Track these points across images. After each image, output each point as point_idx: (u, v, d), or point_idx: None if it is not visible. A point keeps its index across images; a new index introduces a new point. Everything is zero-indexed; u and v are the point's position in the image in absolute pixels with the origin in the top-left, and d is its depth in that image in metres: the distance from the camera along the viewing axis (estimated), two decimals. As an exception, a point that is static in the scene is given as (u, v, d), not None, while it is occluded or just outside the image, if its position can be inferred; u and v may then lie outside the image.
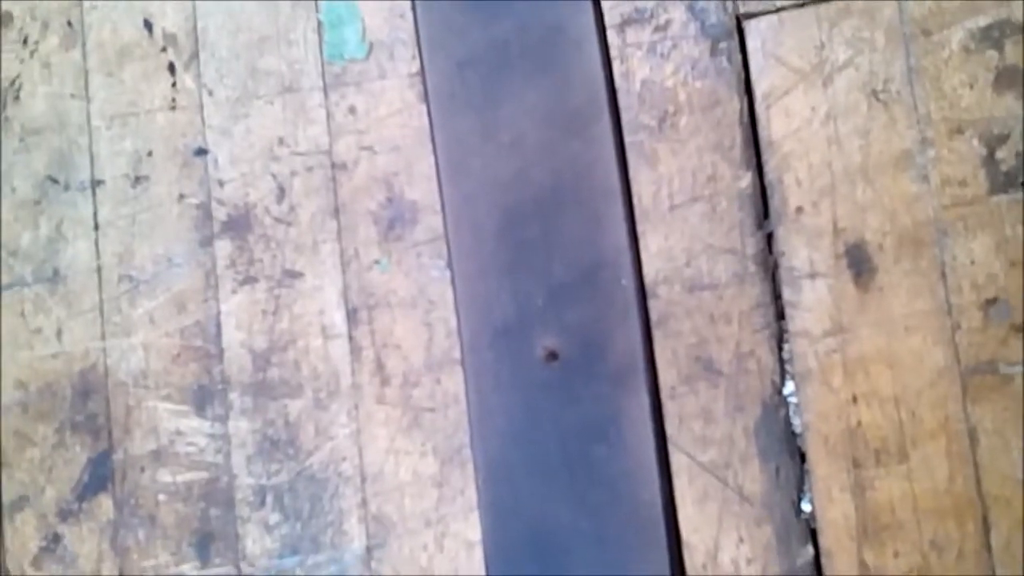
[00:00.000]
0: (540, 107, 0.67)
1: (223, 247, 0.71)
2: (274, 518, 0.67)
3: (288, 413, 0.68)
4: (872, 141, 0.63)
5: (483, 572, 0.63)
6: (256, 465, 0.68)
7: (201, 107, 0.74)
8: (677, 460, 0.62)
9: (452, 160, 0.68)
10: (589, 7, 0.68)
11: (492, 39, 0.68)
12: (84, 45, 0.76)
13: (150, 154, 0.74)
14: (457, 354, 0.66)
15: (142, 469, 0.69)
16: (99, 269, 0.73)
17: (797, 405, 0.61)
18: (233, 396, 0.69)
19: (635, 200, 0.66)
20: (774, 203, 0.64)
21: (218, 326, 0.70)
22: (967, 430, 0.58)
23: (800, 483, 0.60)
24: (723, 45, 0.66)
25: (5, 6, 0.77)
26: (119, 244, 0.73)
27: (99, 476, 0.70)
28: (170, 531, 0.68)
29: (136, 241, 0.73)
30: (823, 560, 0.59)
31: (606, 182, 0.65)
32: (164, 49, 0.75)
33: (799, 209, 0.64)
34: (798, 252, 0.63)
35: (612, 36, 0.68)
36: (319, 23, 0.73)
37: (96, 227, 0.74)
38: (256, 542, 0.67)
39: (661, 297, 0.64)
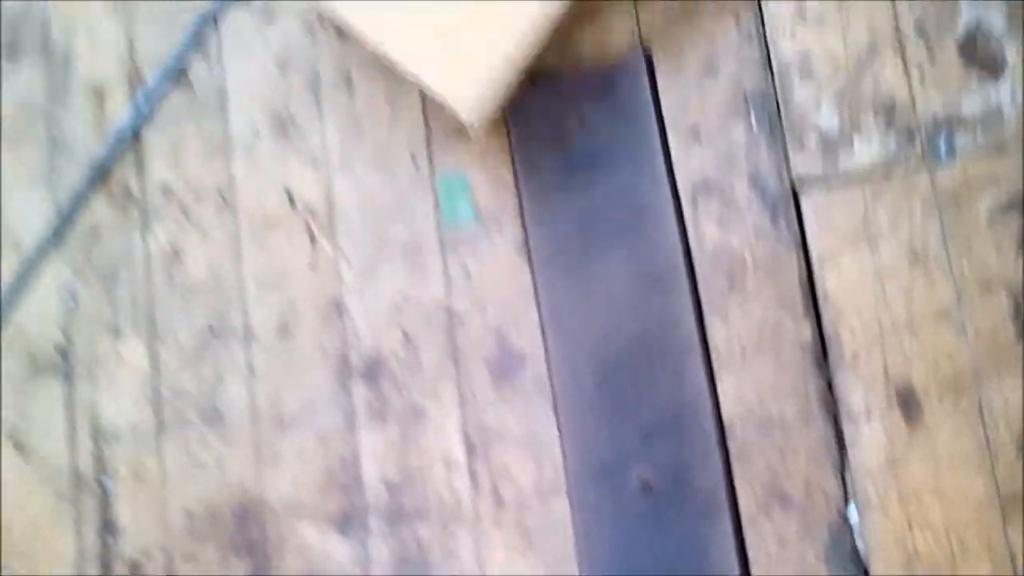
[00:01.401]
0: (627, 270, 0.80)
1: (359, 390, 0.84)
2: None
3: (419, 536, 0.80)
4: (915, 298, 0.75)
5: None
6: (393, 580, 0.80)
7: (337, 268, 0.87)
8: (757, 577, 0.73)
9: (553, 315, 0.81)
10: (665, 182, 0.80)
11: (584, 211, 0.81)
12: (235, 215, 0.91)
13: (295, 309, 0.88)
14: (564, 484, 0.78)
15: (295, 582, 0.82)
16: (253, 410, 0.87)
17: (860, 529, 0.72)
18: (372, 521, 0.81)
19: (712, 350, 0.78)
20: (832, 351, 0.76)
21: (357, 459, 0.83)
22: (1008, 554, 0.68)
23: (864, 597, 0.71)
24: (782, 213, 0.78)
25: (167, 180, 0.92)
26: (270, 388, 0.87)
27: (259, 588, 0.83)
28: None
29: (285, 385, 0.86)
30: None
31: (686, 335, 0.77)
32: (304, 218, 0.89)
33: (854, 357, 0.75)
34: (855, 394, 0.74)
35: (686, 206, 0.80)
36: (436, 195, 0.86)
37: (250, 373, 0.87)
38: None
39: (738, 435, 0.75)
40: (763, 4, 0.78)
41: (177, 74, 0.91)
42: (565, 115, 0.80)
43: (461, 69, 0.72)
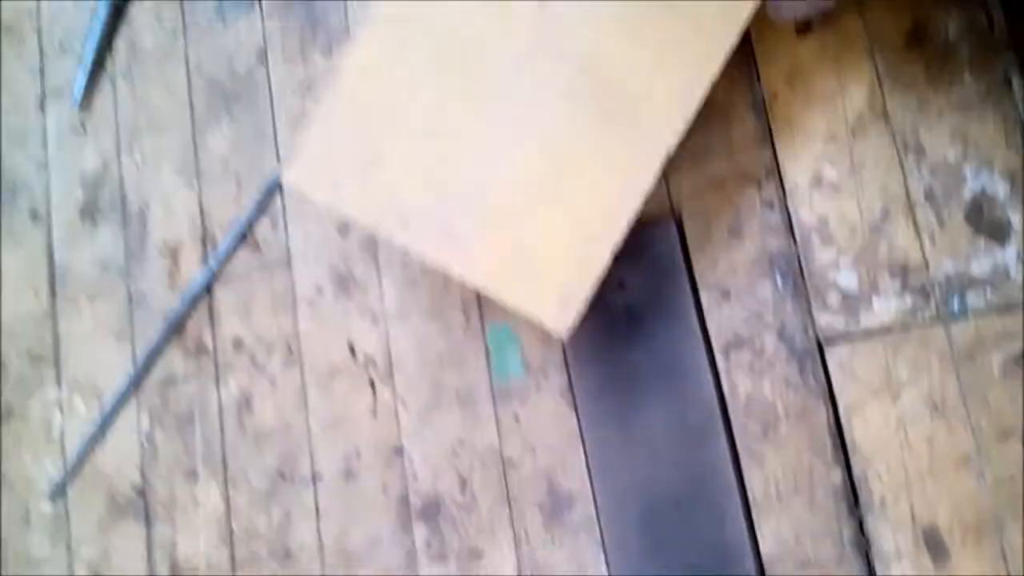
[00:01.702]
0: (667, 420, 0.86)
1: (419, 530, 0.91)
2: None
3: (483, 671, 0.86)
4: (936, 446, 0.81)
5: None
6: None
7: (397, 415, 0.95)
8: None
9: (599, 460, 0.88)
10: (699, 337, 0.87)
11: (625, 364, 0.88)
12: (302, 365, 0.98)
13: (358, 453, 0.95)
14: (615, 623, 0.84)
15: None
16: (321, 548, 0.94)
17: (893, 668, 0.77)
18: (437, 658, 0.87)
19: (749, 494, 0.84)
20: (862, 495, 0.82)
21: (421, 598, 0.89)
22: None
23: None
24: (809, 365, 0.85)
25: (238, 333, 1.00)
26: (336, 528, 0.94)
27: None
28: None
29: (349, 525, 0.93)
30: None
31: (724, 480, 0.84)
32: (365, 368, 0.97)
33: (882, 500, 0.81)
34: (884, 536, 0.80)
35: (719, 359, 0.87)
36: (487, 347, 0.94)
37: (317, 514, 0.94)
38: None
39: (778, 574, 0.81)
40: (783, 173, 0.86)
41: (245, 235, 1.00)
42: (605, 277, 0.87)
43: (544, 284, 0.75)
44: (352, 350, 0.96)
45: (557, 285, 0.76)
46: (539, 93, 0.75)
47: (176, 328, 1.00)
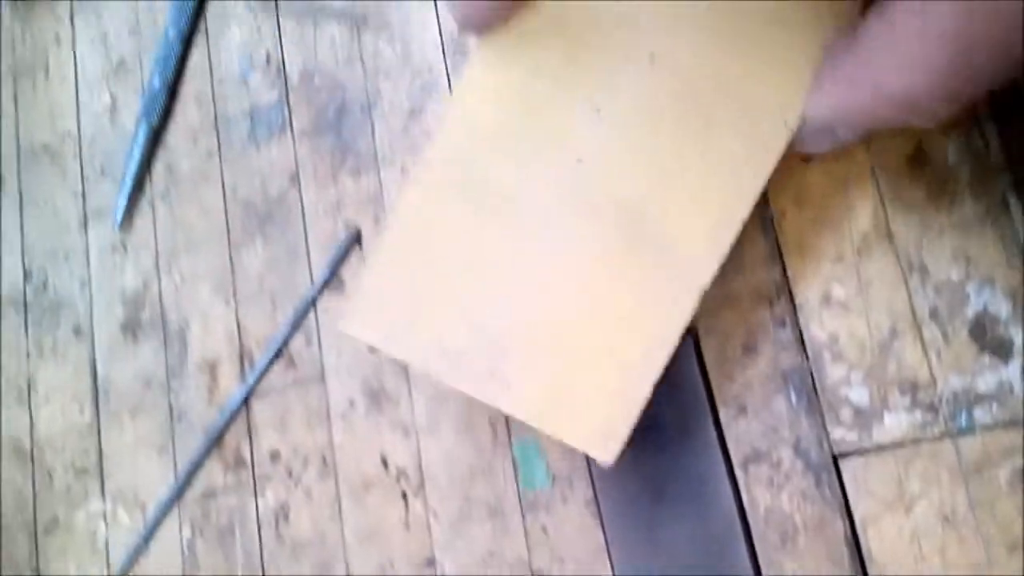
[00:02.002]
0: (690, 531, 0.90)
1: (453, 639, 0.95)
2: None
3: None
4: (949, 557, 0.84)
5: None
6: None
7: (429, 527, 0.99)
8: None
9: (626, 573, 0.91)
10: (719, 451, 0.91)
11: (648, 478, 0.92)
12: (336, 477, 1.03)
13: (392, 564, 0.99)
14: None
15: None
16: (359, 657, 0.97)
17: None
18: None
19: (770, 604, 0.87)
20: (879, 605, 0.85)
21: None
22: None
23: None
24: (825, 478, 0.89)
25: (275, 446, 1.05)
26: (373, 637, 0.97)
27: None
28: None
29: (386, 634, 0.97)
30: None
31: (747, 591, 0.87)
32: (397, 480, 1.01)
33: (899, 611, 0.84)
34: (902, 647, 0.83)
35: (739, 472, 0.91)
36: (514, 460, 0.98)
37: (355, 623, 0.98)
38: None
39: None
40: (793, 292, 0.90)
41: (281, 352, 1.04)
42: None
43: (590, 418, 0.79)
44: (384, 462, 1.00)
45: (602, 418, 0.80)
46: (577, 238, 0.80)
47: (215, 441, 1.05)
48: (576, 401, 0.82)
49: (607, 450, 0.81)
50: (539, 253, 0.82)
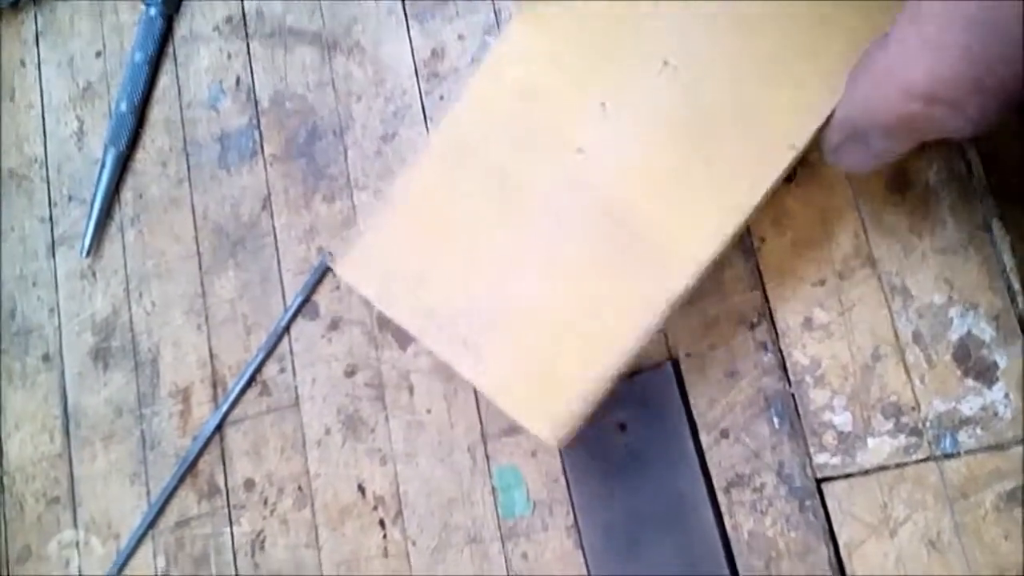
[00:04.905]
0: (672, 559, 0.89)
1: (434, 671, 0.93)
2: None
3: None
4: (935, 584, 0.83)
5: None
6: None
7: (408, 555, 0.97)
8: None
9: (608, 601, 0.90)
10: (700, 477, 0.90)
11: (629, 504, 0.91)
12: (313, 505, 1.01)
13: (370, 593, 0.97)
14: None
15: None
16: None
17: None
18: None
19: (755, 632, 0.86)
20: (864, 633, 0.84)
21: None
22: None
23: None
24: (808, 503, 0.88)
25: (249, 474, 1.03)
26: (353, 669, 0.95)
27: None
28: None
29: (366, 667, 0.95)
30: None
31: (731, 619, 0.86)
32: (375, 508, 0.99)
33: (884, 639, 0.83)
34: (888, 675, 0.82)
35: (721, 498, 0.90)
36: (493, 487, 0.96)
37: (333, 656, 0.96)
38: None
39: None
40: (774, 316, 0.89)
41: (254, 378, 1.02)
42: (606, 420, 0.90)
43: (544, 400, 0.80)
44: (362, 490, 0.98)
45: (557, 402, 0.80)
46: (568, 226, 0.81)
47: (189, 469, 1.02)
48: (537, 383, 0.82)
49: (554, 433, 0.81)
50: (532, 235, 0.83)
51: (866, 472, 0.86)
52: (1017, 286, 0.83)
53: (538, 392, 0.82)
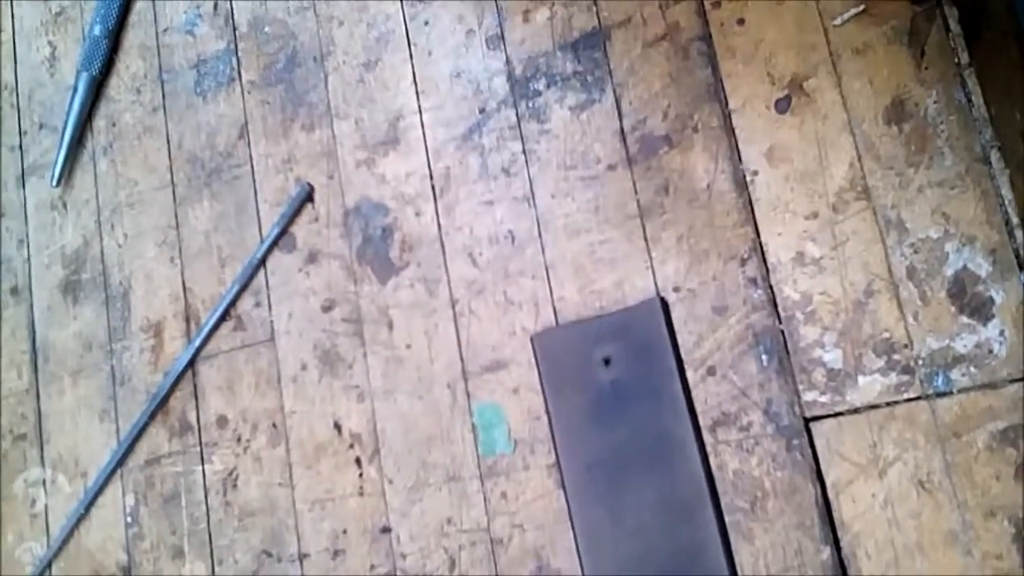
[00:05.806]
0: (655, 498, 0.86)
1: (409, 611, 0.91)
2: None
3: None
4: (923, 522, 0.81)
5: None
6: None
7: (384, 493, 0.94)
8: None
9: (588, 541, 0.87)
10: (686, 414, 0.87)
11: (612, 442, 0.88)
12: (287, 443, 0.98)
13: (345, 532, 0.94)
14: None
15: None
16: (310, 630, 0.93)
17: None
18: None
19: (738, 571, 0.84)
20: (851, 572, 0.82)
21: None
22: None
23: None
24: (795, 442, 0.85)
25: (222, 411, 1.00)
26: (325, 609, 0.93)
27: None
28: None
29: (339, 607, 0.92)
30: None
31: (714, 558, 0.84)
32: (351, 446, 0.96)
33: (871, 579, 0.81)
34: (874, 616, 0.80)
35: (707, 436, 0.87)
36: (473, 425, 0.93)
37: (306, 595, 0.94)
38: None
39: (767, 659, 0.81)
40: (765, 251, 0.86)
41: (228, 312, 0.99)
42: (590, 355, 0.87)
43: None
44: (338, 428, 0.96)
45: None
46: None
47: (160, 406, 0.99)
48: None
49: None
50: None
51: (856, 411, 0.84)
52: (1015, 219, 0.80)
53: None
